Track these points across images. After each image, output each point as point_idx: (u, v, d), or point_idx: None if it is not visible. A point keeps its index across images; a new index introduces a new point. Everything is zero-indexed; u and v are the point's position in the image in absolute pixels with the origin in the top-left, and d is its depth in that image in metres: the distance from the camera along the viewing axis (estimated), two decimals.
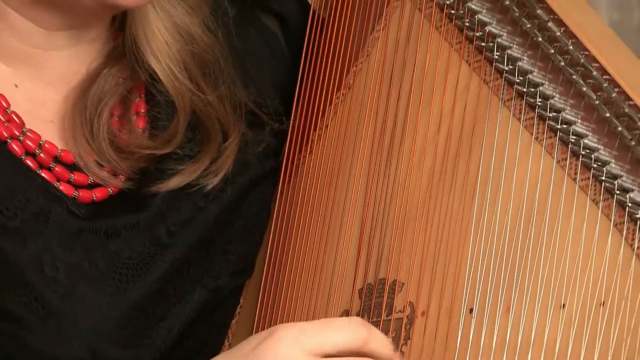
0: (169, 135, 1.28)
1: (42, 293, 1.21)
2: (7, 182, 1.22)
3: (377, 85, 1.28)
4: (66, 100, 1.28)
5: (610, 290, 1.07)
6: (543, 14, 1.16)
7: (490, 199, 1.16)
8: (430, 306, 1.18)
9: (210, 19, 1.33)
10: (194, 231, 1.29)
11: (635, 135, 1.08)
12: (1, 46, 1.26)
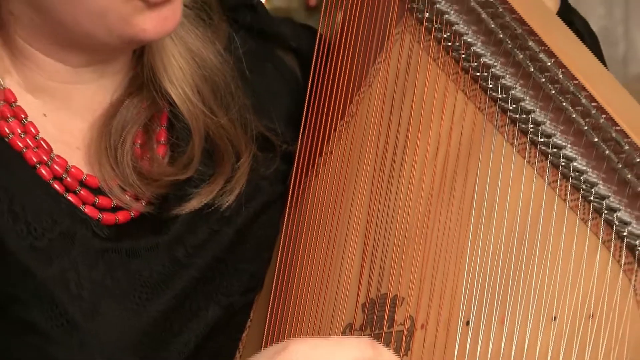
0: (187, 159, 1.28)
1: (66, 309, 1.20)
2: (36, 205, 1.21)
3: (378, 113, 1.28)
4: (91, 128, 1.28)
5: (599, 303, 1.07)
6: (534, 46, 1.16)
7: (485, 218, 1.16)
8: (429, 319, 1.17)
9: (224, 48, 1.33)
10: (210, 252, 1.29)
11: (621, 159, 1.08)
12: (30, 81, 1.26)
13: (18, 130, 1.23)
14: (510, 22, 1.18)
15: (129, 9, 1.19)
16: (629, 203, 1.08)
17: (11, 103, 1.24)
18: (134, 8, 1.19)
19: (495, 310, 1.13)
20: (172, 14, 1.21)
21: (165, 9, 1.21)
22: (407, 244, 1.21)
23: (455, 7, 1.23)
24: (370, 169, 1.27)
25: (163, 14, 1.21)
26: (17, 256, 1.19)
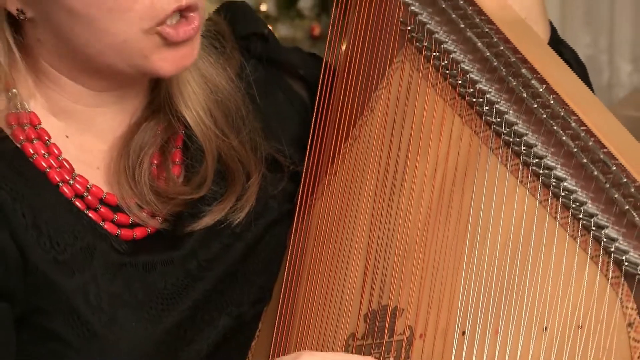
0: (200, 178, 1.28)
1: (86, 319, 1.20)
2: (58, 221, 1.21)
3: (380, 136, 1.27)
4: (111, 149, 1.27)
5: (588, 314, 1.06)
6: (527, 73, 1.16)
7: (480, 234, 1.15)
8: (427, 329, 1.17)
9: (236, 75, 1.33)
10: (222, 266, 1.28)
11: (609, 179, 1.08)
12: (53, 104, 1.25)
13: (42, 151, 1.23)
14: (504, 51, 1.17)
15: (148, 45, 1.19)
16: (616, 221, 1.07)
17: (35, 125, 1.23)
18: (154, 44, 1.19)
19: (490, 320, 1.12)
20: (190, 52, 1.21)
21: (186, 47, 1.21)
22: (406, 258, 1.21)
23: (452, 36, 1.23)
24: (372, 188, 1.27)
25: (182, 52, 1.21)
26: (42, 269, 1.19)
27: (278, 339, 1.30)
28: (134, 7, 1.17)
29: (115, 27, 1.18)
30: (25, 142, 1.23)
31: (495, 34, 1.18)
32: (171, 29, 1.18)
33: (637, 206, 1.05)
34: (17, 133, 1.23)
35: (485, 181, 1.17)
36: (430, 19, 1.25)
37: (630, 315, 1.04)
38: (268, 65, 1.38)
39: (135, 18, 1.17)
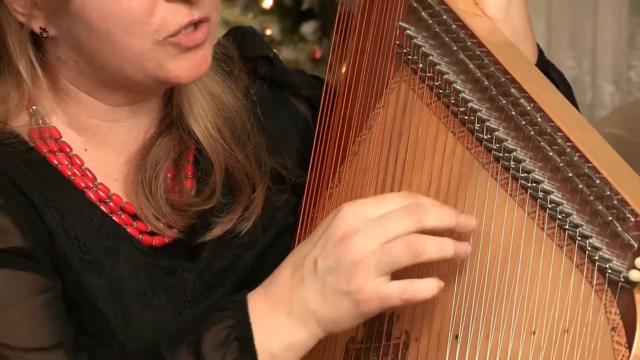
0: (209, 190, 1.28)
1: (109, 316, 1.20)
2: (84, 223, 1.21)
3: (378, 152, 1.27)
4: (128, 162, 1.27)
5: (573, 319, 1.06)
6: (515, 93, 1.15)
7: (472, 243, 1.14)
8: (422, 333, 1.16)
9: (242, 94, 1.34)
10: (234, 274, 1.29)
11: (593, 192, 1.07)
12: (73, 119, 1.25)
13: (65, 162, 1.23)
14: (495, 72, 1.17)
15: (163, 54, 1.19)
16: (599, 231, 1.06)
17: (57, 139, 1.24)
18: (168, 54, 1.19)
19: (481, 325, 1.12)
20: (203, 59, 1.21)
21: (198, 54, 1.20)
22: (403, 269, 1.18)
23: (445, 59, 1.23)
24: None
25: (196, 59, 1.20)
26: (72, 267, 1.19)
27: None
28: (149, 21, 1.17)
29: (132, 41, 1.18)
30: (49, 154, 1.23)
31: (486, 56, 1.18)
32: (183, 36, 1.18)
33: (620, 217, 1.05)
34: (40, 146, 1.23)
35: (476, 194, 1.16)
36: (425, 42, 1.24)
37: (613, 319, 1.04)
38: (273, 86, 1.38)
39: (150, 31, 1.17)
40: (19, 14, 1.19)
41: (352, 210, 1.12)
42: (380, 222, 1.10)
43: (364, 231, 1.10)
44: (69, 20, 1.18)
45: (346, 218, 1.11)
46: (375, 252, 1.10)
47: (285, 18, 3.66)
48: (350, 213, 1.12)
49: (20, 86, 1.22)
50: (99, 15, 1.17)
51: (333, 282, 1.11)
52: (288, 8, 3.65)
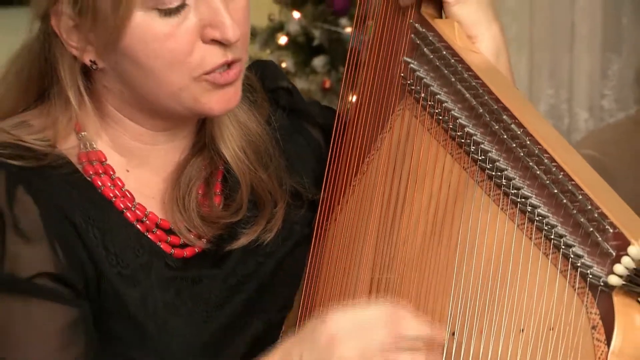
0: (237, 205, 1.27)
1: (144, 323, 1.20)
2: (122, 241, 1.21)
3: (384, 172, 1.27)
4: (164, 181, 1.27)
5: (558, 318, 1.06)
6: (507, 119, 1.15)
7: (468, 252, 1.15)
8: None
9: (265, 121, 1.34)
10: (256, 280, 1.28)
11: (576, 206, 1.07)
12: (117, 142, 1.25)
13: (108, 183, 1.22)
14: (488, 101, 1.17)
15: (199, 89, 1.19)
16: (581, 241, 1.06)
17: (102, 162, 1.23)
18: (203, 88, 1.19)
19: (475, 323, 1.12)
20: (234, 94, 1.21)
21: (229, 90, 1.20)
22: (405, 273, 1.20)
23: (444, 89, 1.22)
24: (377, 215, 1.26)
25: (227, 94, 1.20)
26: (110, 280, 1.19)
27: None
28: (188, 60, 1.17)
29: (172, 77, 1.18)
30: (95, 176, 1.22)
31: (481, 87, 1.18)
32: (217, 74, 1.18)
33: (600, 229, 1.05)
34: (87, 168, 1.22)
35: (472, 208, 1.16)
36: (427, 75, 1.24)
37: (594, 319, 1.04)
38: (291, 115, 1.38)
39: (189, 69, 1.17)
40: (73, 48, 1.19)
41: (338, 317, 1.10)
42: (363, 331, 1.09)
43: (348, 338, 1.09)
44: (117, 56, 1.18)
45: (333, 323, 1.10)
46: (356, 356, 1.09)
47: (298, 53, 3.66)
48: (336, 319, 1.10)
49: (69, 111, 1.21)
50: (145, 54, 1.16)
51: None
52: (301, 44, 3.65)
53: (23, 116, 1.23)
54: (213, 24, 1.16)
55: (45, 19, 1.19)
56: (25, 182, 1.15)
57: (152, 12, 1.15)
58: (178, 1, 1.15)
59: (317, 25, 3.61)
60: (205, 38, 1.17)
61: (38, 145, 1.19)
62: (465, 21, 1.25)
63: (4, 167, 1.16)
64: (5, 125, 1.21)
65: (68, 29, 1.18)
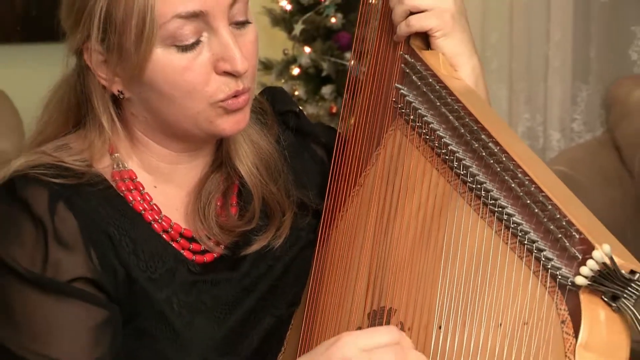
0: (250, 215, 1.26)
1: (170, 321, 1.18)
2: (151, 249, 1.20)
3: (378, 184, 1.25)
4: (187, 195, 1.26)
5: (531, 314, 1.04)
6: (485, 138, 1.13)
7: (452, 255, 1.13)
8: (414, 324, 1.14)
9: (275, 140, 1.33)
10: (267, 281, 1.27)
11: (546, 215, 1.05)
12: (145, 162, 1.24)
13: (138, 198, 1.21)
14: (469, 122, 1.15)
15: (213, 114, 1.18)
16: (551, 245, 1.04)
17: (133, 179, 1.22)
18: (217, 113, 1.18)
19: (459, 318, 1.10)
20: (243, 118, 1.20)
21: (239, 115, 1.19)
22: (398, 273, 1.18)
23: (430, 112, 1.21)
24: (373, 222, 1.24)
25: (237, 118, 1.19)
26: (140, 284, 1.17)
27: (304, 333, 1.28)
28: (204, 90, 1.16)
29: (189, 104, 1.17)
30: (126, 192, 1.21)
31: (462, 109, 1.17)
32: (229, 101, 1.18)
33: (567, 235, 1.03)
34: (120, 185, 1.21)
35: (455, 216, 1.14)
36: (415, 99, 1.23)
37: (563, 315, 1.02)
38: (298, 135, 1.37)
39: (205, 97, 1.16)
40: (102, 79, 1.19)
41: (349, 341, 1.08)
42: (370, 356, 1.07)
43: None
44: (141, 87, 1.17)
45: (344, 347, 1.08)
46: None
47: (309, 82, 3.69)
48: (348, 343, 1.08)
49: (102, 135, 1.20)
50: (165, 84, 1.16)
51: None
52: (311, 75, 3.68)
53: (63, 140, 1.22)
54: (224, 57, 1.15)
55: (79, 55, 1.19)
56: (65, 198, 1.15)
57: (171, 48, 1.14)
58: (193, 38, 1.14)
59: (325, 58, 3.63)
60: (218, 70, 1.16)
61: (77, 166, 1.19)
62: (449, 53, 1.24)
63: (47, 185, 1.15)
64: (48, 148, 1.20)
65: (98, 63, 1.18)
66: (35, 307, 1.12)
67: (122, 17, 1.13)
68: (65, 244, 1.13)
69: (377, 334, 1.09)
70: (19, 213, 1.14)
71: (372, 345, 1.08)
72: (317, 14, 3.62)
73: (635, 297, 1.01)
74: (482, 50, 3.52)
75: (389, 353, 1.07)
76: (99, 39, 1.15)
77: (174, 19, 1.13)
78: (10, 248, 1.13)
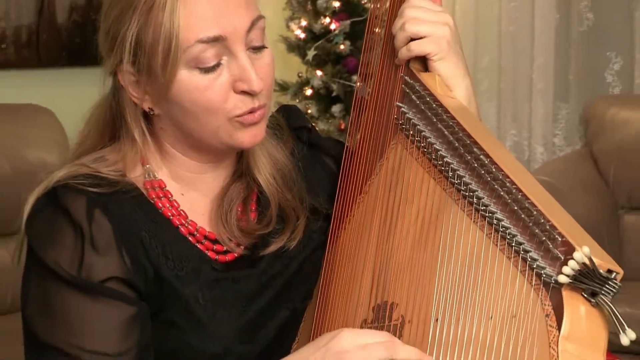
0: (267, 219, 1.25)
1: (196, 313, 1.17)
2: (178, 250, 1.18)
3: (381, 192, 1.24)
4: (211, 202, 1.24)
5: (519, 308, 1.03)
6: (477, 151, 1.13)
7: (447, 256, 1.12)
8: (413, 317, 1.13)
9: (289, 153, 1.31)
10: (283, 278, 1.25)
11: (531, 220, 1.04)
12: (173, 173, 1.23)
13: (167, 205, 1.20)
14: (462, 137, 1.15)
15: (232, 128, 1.17)
16: (536, 247, 1.03)
17: (162, 188, 1.21)
18: (235, 127, 1.17)
19: (454, 312, 1.08)
20: (259, 132, 1.19)
21: (255, 129, 1.18)
22: (399, 271, 1.17)
23: (428, 127, 1.20)
24: (377, 226, 1.23)
25: (254, 131, 1.18)
26: (168, 281, 1.16)
27: (316, 324, 1.26)
28: (224, 107, 1.15)
29: (211, 119, 1.16)
30: (156, 199, 1.20)
31: (456, 125, 1.16)
32: (246, 117, 1.17)
33: (551, 238, 1.02)
34: (151, 193, 1.20)
35: (450, 221, 1.13)
36: (414, 116, 1.22)
37: (547, 309, 1.01)
38: (310, 147, 1.35)
39: (224, 113, 1.16)
40: (135, 98, 1.18)
41: (348, 335, 1.08)
42: (366, 349, 1.07)
43: (355, 354, 1.07)
44: (168, 104, 1.16)
45: (343, 340, 1.08)
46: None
47: (321, 102, 3.69)
48: (346, 337, 1.08)
49: (135, 148, 1.20)
50: (189, 102, 1.15)
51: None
52: (322, 95, 3.68)
53: (100, 152, 1.21)
54: (242, 78, 1.15)
55: (114, 76, 1.18)
56: (101, 205, 1.14)
57: (194, 70, 1.14)
58: (214, 61, 1.14)
59: (335, 80, 3.63)
60: (236, 89, 1.15)
61: (112, 175, 1.18)
62: (444, 74, 1.23)
63: (85, 193, 1.14)
64: (86, 160, 1.20)
65: (131, 83, 1.17)
66: (71, 304, 1.11)
67: (150, 42, 1.13)
68: (99, 248, 1.12)
69: (374, 333, 1.09)
70: (61, 219, 1.13)
71: (367, 341, 1.07)
72: (328, 41, 3.62)
73: (612, 293, 1.00)
74: (474, 73, 3.51)
75: (381, 346, 1.07)
76: (131, 61, 1.15)
77: (197, 43, 1.12)
78: (52, 252, 1.12)
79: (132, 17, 1.14)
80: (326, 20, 3.60)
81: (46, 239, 1.13)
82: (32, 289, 1.14)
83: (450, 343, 1.07)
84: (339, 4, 3.59)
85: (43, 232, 1.14)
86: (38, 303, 1.13)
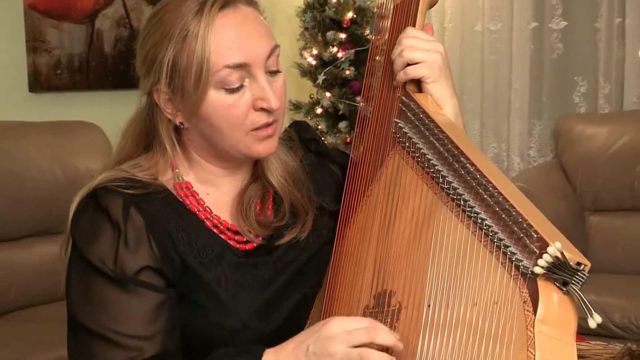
0: (281, 214, 1.25)
1: (218, 295, 1.17)
2: (203, 241, 1.18)
3: (381, 196, 1.23)
4: (233, 200, 1.25)
5: (500, 295, 1.02)
6: (464, 160, 1.12)
7: (438, 251, 1.11)
8: (409, 303, 1.12)
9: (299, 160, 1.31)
10: (295, 266, 1.25)
11: (511, 219, 1.03)
12: (199, 177, 1.23)
13: (194, 202, 1.20)
14: (451, 148, 1.14)
15: (249, 141, 1.17)
16: (515, 243, 1.02)
17: (190, 188, 1.21)
18: (252, 140, 1.17)
19: (444, 298, 1.07)
20: (272, 144, 1.20)
21: (269, 141, 1.19)
22: (397, 264, 1.16)
23: (422, 140, 1.19)
24: (377, 225, 1.22)
25: (268, 143, 1.19)
26: (193, 268, 1.16)
27: (325, 308, 1.25)
28: (244, 122, 1.16)
29: (233, 132, 1.16)
30: (185, 198, 1.20)
31: (446, 138, 1.15)
32: (262, 131, 1.17)
33: (528, 234, 1.01)
34: (180, 193, 1.20)
35: (440, 220, 1.12)
36: (410, 130, 1.22)
37: (524, 296, 0.99)
38: (318, 156, 1.35)
39: (244, 127, 1.16)
40: (168, 114, 1.19)
41: (336, 323, 1.08)
42: (350, 334, 1.07)
43: (340, 338, 1.06)
44: (197, 119, 1.17)
45: (331, 326, 1.07)
46: (343, 351, 1.06)
47: (329, 119, 3.70)
48: (335, 324, 1.08)
49: (165, 155, 1.20)
50: (215, 118, 1.15)
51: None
52: (331, 113, 3.69)
53: (136, 160, 1.22)
54: (261, 97, 1.15)
55: (150, 95, 1.19)
56: (135, 204, 1.14)
57: (221, 90, 1.14)
58: (238, 83, 1.15)
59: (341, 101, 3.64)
60: (255, 107, 1.16)
61: (145, 179, 1.18)
62: (436, 95, 1.23)
63: (122, 194, 1.15)
64: (124, 166, 1.21)
65: (165, 101, 1.18)
66: (107, 294, 1.11)
67: (184, 66, 1.13)
68: (132, 244, 1.12)
69: (360, 320, 1.09)
70: (101, 218, 1.13)
71: (352, 327, 1.07)
72: (335, 67, 3.62)
73: (581, 283, 0.99)
74: (460, 94, 3.51)
75: (363, 331, 1.07)
76: (167, 82, 1.15)
77: (224, 68, 1.13)
78: (92, 247, 1.13)
79: (169, 44, 1.14)
80: (334, 49, 3.61)
81: (88, 235, 1.14)
82: (74, 279, 1.14)
83: (441, 325, 1.06)
84: (345, 36, 3.61)
85: (85, 230, 1.14)
86: (79, 291, 1.13)
